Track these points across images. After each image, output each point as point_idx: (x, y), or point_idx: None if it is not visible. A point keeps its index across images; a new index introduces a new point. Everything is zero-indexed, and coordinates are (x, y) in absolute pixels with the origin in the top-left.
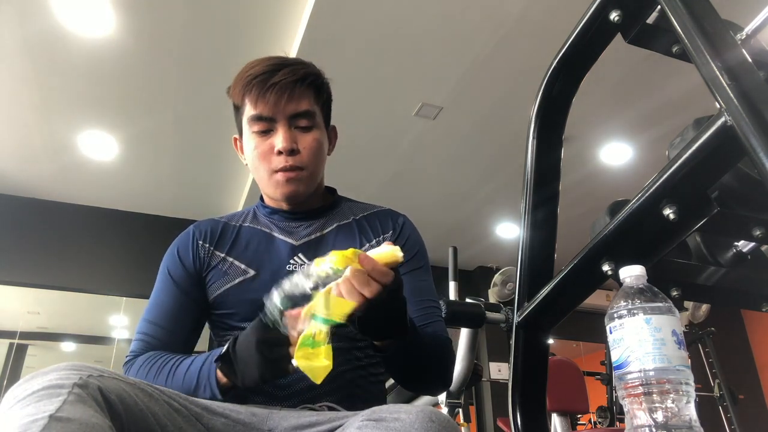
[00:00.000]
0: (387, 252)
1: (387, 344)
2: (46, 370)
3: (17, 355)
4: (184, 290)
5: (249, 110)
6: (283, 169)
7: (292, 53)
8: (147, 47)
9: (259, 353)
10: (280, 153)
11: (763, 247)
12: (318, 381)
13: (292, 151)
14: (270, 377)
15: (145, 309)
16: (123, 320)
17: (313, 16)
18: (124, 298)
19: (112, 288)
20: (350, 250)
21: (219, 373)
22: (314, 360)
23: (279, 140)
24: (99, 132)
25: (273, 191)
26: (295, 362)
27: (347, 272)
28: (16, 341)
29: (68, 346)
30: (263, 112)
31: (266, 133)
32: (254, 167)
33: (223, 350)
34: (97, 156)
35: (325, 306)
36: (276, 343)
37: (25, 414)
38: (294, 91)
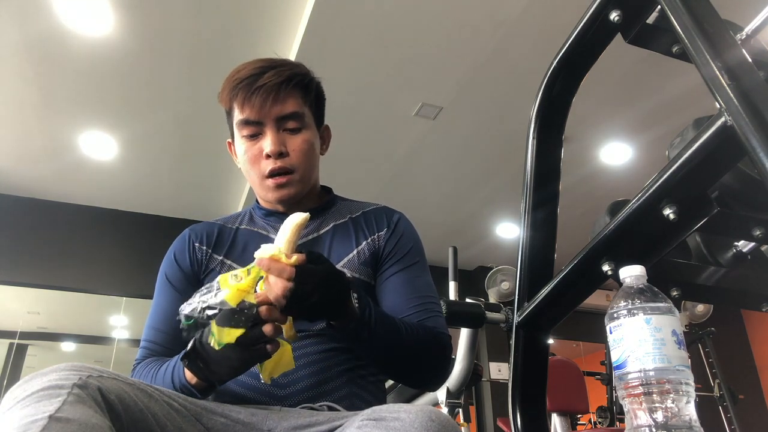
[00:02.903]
0: (291, 225)
1: (338, 324)
2: (46, 370)
3: (17, 355)
4: (183, 293)
5: (237, 114)
6: (272, 174)
7: (292, 53)
8: (147, 47)
9: (231, 353)
10: (268, 157)
11: (763, 247)
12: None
13: (280, 154)
14: (249, 366)
15: (147, 315)
16: (123, 320)
17: (313, 16)
18: (124, 298)
19: (112, 288)
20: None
21: (188, 374)
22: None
23: (267, 144)
24: (99, 132)
25: (265, 195)
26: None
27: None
28: (16, 341)
29: (68, 346)
30: (250, 116)
31: (255, 137)
32: (246, 171)
33: (187, 360)
34: (97, 156)
35: (217, 334)
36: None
37: (25, 414)
38: (279, 93)
